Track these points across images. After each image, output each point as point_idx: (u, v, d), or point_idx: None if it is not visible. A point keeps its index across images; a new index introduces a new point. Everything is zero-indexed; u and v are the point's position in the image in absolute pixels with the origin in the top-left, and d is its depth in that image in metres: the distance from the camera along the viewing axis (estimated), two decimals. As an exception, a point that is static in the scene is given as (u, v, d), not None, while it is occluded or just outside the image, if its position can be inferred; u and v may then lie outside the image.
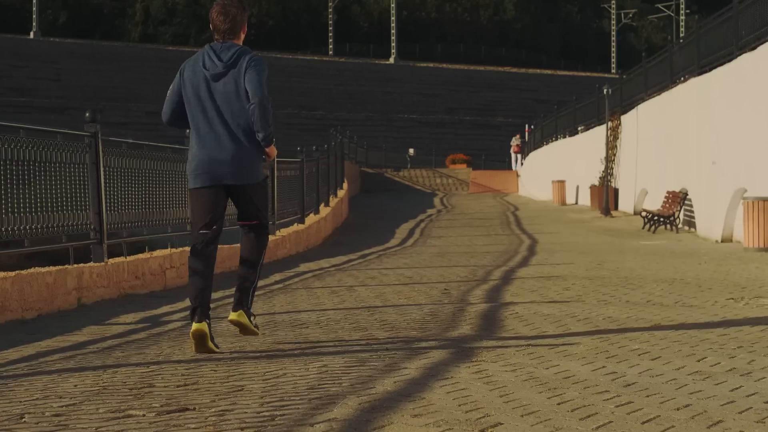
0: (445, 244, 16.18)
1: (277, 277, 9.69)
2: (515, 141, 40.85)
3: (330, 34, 73.18)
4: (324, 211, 18.47)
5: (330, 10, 73.93)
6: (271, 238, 13.19)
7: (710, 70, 17.02)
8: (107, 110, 60.65)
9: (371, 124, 66.63)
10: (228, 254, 10.51)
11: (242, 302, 4.96)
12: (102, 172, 7.95)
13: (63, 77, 62.66)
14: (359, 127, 64.07)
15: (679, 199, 18.44)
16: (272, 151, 4.93)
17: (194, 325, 4.73)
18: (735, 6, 15.78)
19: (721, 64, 16.42)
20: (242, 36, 4.95)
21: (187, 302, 7.39)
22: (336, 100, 66.82)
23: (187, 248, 10.07)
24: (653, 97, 21.57)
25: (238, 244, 5.16)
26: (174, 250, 9.48)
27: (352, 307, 6.81)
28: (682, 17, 73.55)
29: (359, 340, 5.12)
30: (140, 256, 8.70)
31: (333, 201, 20.57)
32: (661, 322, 5.81)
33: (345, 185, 25.19)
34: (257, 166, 4.93)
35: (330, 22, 73.45)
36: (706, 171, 16.95)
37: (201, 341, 4.68)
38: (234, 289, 5.05)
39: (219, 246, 5.01)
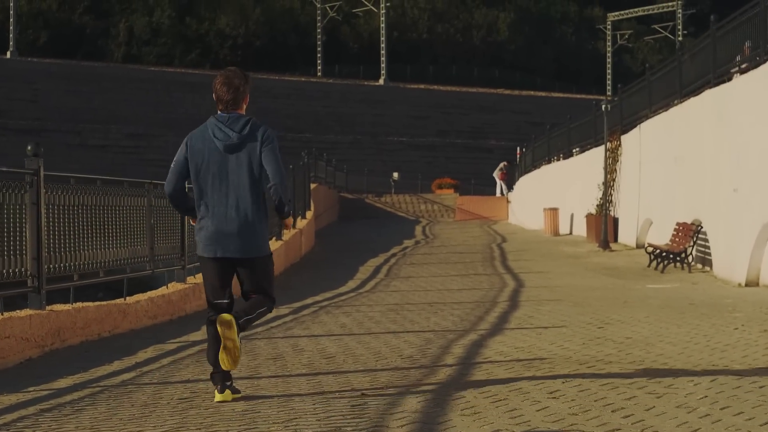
0: (410, 288, 13.29)
1: (142, 355, 6.80)
2: (500, 168, 37.72)
3: (319, 55, 70.79)
4: (274, 245, 15.62)
5: (319, 30, 71.54)
6: (180, 286, 10.33)
7: (729, 79, 14.26)
8: (86, 132, 58.18)
9: (359, 147, 64.50)
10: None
11: (239, 314, 4.90)
12: None
13: (40, 98, 60.24)
14: (347, 150, 61.87)
15: (691, 232, 15.61)
16: (289, 221, 5.15)
17: (218, 396, 4.94)
18: (762, 1, 13.01)
19: (744, 72, 13.66)
20: (245, 106, 4.99)
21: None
22: (323, 123, 64.65)
23: None
24: (659, 113, 18.78)
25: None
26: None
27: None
28: (679, 38, 71.31)
29: None
30: None
31: (288, 234, 17.72)
32: None
33: (310, 214, 22.35)
34: (264, 240, 4.99)
35: (319, 42, 71.05)
36: (725, 200, 14.13)
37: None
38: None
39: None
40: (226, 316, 4.78)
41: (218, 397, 4.89)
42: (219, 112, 4.94)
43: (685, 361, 6.21)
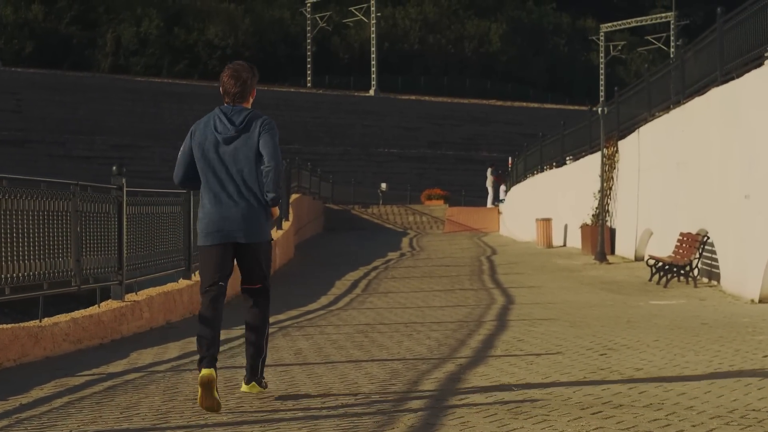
0: (387, 305, 11.95)
1: (35, 393, 5.44)
2: (491, 172, 36.49)
3: (308, 66, 69.65)
4: (240, 258, 14.26)
5: (308, 40, 70.39)
6: (116, 304, 8.97)
7: (739, 76, 13.00)
8: (70, 143, 56.86)
9: (349, 159, 63.42)
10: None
11: (254, 373, 5.18)
12: None
13: (24, 109, 58.95)
14: (336, 161, 60.79)
15: (696, 243, 14.31)
16: (275, 211, 5.11)
17: (204, 371, 4.72)
18: (776, -12, 11.76)
19: (756, 67, 12.41)
20: (251, 100, 5.12)
21: None
22: (313, 134, 63.53)
23: None
24: (659, 116, 17.52)
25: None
26: None
27: None
28: (673, 50, 70.47)
29: None
30: None
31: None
32: None
33: (288, 225, 21.00)
34: (265, 226, 5.08)
35: (308, 53, 69.90)
36: (734, 207, 12.85)
37: (208, 387, 4.66)
38: (244, 356, 5.20)
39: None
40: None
41: (204, 372, 4.71)
42: (225, 104, 5.04)
43: (715, 403, 4.87)
